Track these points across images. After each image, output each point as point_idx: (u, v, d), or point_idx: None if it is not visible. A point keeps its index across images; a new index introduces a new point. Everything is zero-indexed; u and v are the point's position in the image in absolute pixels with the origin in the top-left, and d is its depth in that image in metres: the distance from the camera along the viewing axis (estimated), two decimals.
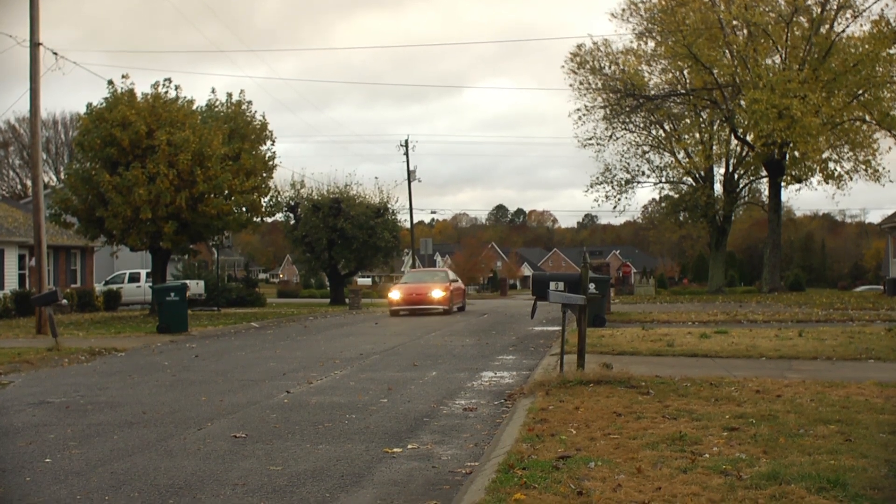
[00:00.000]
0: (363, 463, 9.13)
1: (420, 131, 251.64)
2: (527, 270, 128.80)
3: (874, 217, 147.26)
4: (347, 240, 51.47)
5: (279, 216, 54.06)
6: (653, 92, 52.83)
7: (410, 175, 69.29)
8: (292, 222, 53.93)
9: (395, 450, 9.74)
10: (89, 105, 36.58)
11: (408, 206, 69.41)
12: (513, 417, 11.03)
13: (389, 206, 54.83)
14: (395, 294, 35.55)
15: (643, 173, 57.31)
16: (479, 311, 42.34)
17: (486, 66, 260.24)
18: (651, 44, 52.01)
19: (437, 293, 35.36)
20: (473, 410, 12.42)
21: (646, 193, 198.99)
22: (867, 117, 47.40)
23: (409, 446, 9.93)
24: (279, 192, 51.00)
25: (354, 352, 21.01)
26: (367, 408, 12.64)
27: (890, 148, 47.35)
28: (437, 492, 8.00)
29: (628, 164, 56.85)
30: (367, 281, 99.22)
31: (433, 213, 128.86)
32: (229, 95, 41.13)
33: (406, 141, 69.36)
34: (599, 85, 53.26)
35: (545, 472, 7.73)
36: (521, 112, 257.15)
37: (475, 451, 9.62)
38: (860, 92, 45.81)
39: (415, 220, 78.53)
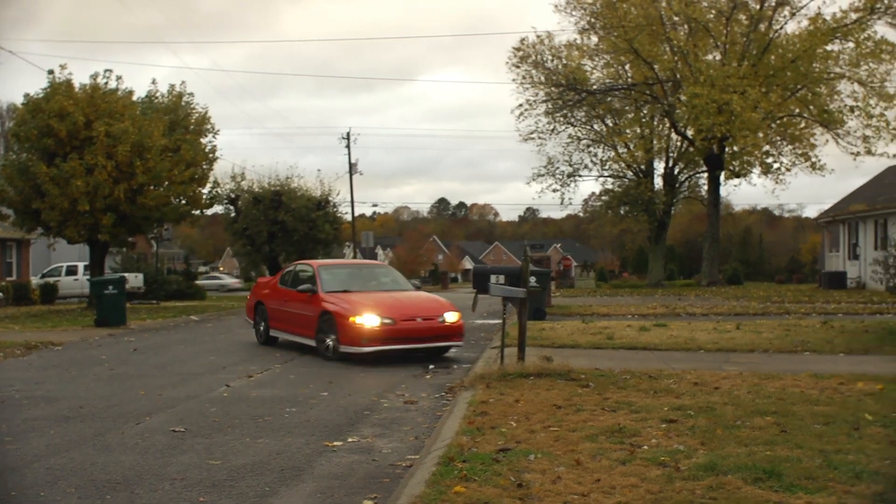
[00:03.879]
0: (303, 456, 9.09)
1: (369, 122, 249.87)
2: (468, 264, 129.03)
3: (811, 212, 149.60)
4: (288, 233, 51.17)
5: (219, 208, 53.68)
6: (595, 86, 53.08)
7: (352, 168, 69.14)
8: (233, 215, 53.50)
9: (335, 443, 9.71)
10: (26, 95, 35.99)
11: (350, 198, 69.24)
12: (453, 410, 11.05)
13: (331, 198, 54.65)
14: (370, 319, 16.90)
15: (585, 167, 57.61)
16: None
17: (442, 55, 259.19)
18: (594, 38, 52.24)
19: (451, 316, 17.82)
20: (414, 403, 12.42)
21: (588, 187, 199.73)
22: (805, 113, 48.00)
23: (350, 439, 9.91)
24: (219, 185, 50.62)
25: (295, 345, 20.90)
26: (308, 401, 12.60)
27: (827, 141, 47.97)
28: (377, 485, 7.98)
29: (570, 157, 57.12)
30: None
31: (374, 205, 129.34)
32: (171, 86, 40.74)
33: (348, 134, 69.27)
34: (542, 79, 53.39)
35: (485, 465, 7.74)
36: (473, 103, 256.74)
37: (416, 444, 9.62)
38: (798, 88, 46.37)
39: (357, 213, 78.60)
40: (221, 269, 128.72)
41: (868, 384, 12.39)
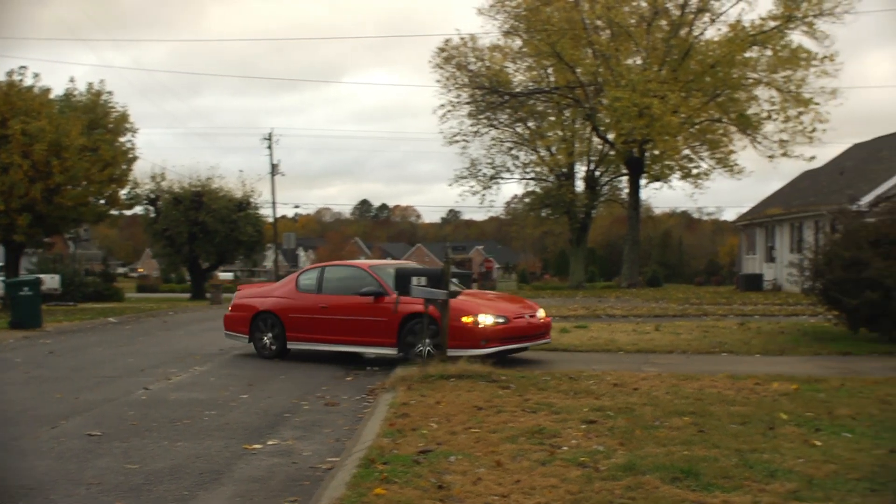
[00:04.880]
0: (222, 460, 9.01)
1: (293, 122, 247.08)
2: None
3: (729, 215, 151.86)
4: (209, 234, 50.74)
5: (139, 209, 53.10)
6: (518, 89, 53.31)
7: (274, 169, 68.66)
8: (152, 215, 52.89)
9: (255, 446, 9.64)
10: None
11: (272, 199, 68.79)
12: (374, 412, 11.02)
13: (252, 200, 54.32)
14: (486, 318, 15.93)
15: (507, 169, 57.83)
16: None
17: (369, 54, 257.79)
18: (517, 41, 52.45)
19: (541, 312, 17.77)
20: (335, 405, 12.37)
21: (511, 189, 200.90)
22: (724, 117, 48.69)
23: (270, 442, 9.85)
24: (139, 185, 50.05)
25: (215, 347, 20.69)
26: (228, 404, 12.49)
27: (745, 147, 48.71)
28: (297, 487, 7.94)
29: (493, 159, 57.30)
30: (229, 276, 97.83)
31: (297, 207, 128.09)
32: (90, 85, 40.17)
33: (270, 135, 68.77)
34: (466, 81, 53.48)
35: (406, 467, 7.74)
36: (398, 104, 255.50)
37: (336, 447, 9.58)
38: (717, 93, 47.01)
39: (278, 215, 78.02)
40: (140, 269, 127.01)
41: (783, 384, 12.61)
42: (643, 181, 52.09)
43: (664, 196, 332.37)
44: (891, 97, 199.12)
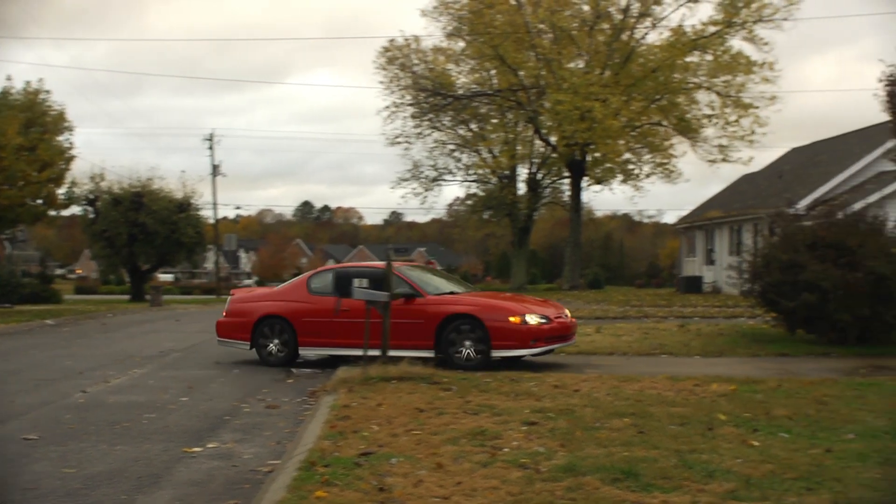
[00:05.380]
0: (162, 463, 8.92)
1: (236, 123, 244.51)
2: None
3: (670, 218, 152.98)
4: (149, 235, 50.21)
5: (77, 209, 52.40)
6: (461, 91, 53.37)
7: (215, 169, 68.15)
8: (91, 216, 52.23)
9: (194, 449, 9.55)
10: None
11: (213, 201, 68.29)
12: (316, 415, 10.97)
13: (193, 201, 53.87)
14: (533, 318, 16.00)
15: (450, 171, 57.91)
16: None
17: (313, 55, 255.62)
18: (461, 43, 52.51)
19: (567, 311, 18.01)
20: (276, 408, 12.30)
21: (453, 191, 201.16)
22: (664, 121, 49.11)
23: (210, 445, 9.77)
24: (77, 185, 49.39)
25: (155, 349, 20.50)
26: (167, 406, 12.37)
27: (685, 152, 49.22)
28: (237, 491, 7.88)
29: (436, 161, 57.34)
30: (169, 277, 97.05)
31: (238, 208, 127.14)
32: (27, 83, 39.62)
33: (211, 135, 68.25)
34: (409, 82, 53.45)
35: (347, 469, 7.72)
36: (342, 105, 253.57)
37: (277, 449, 9.53)
38: (658, 97, 47.39)
39: (220, 216, 77.42)
40: (79, 271, 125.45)
41: (722, 385, 12.74)
42: (585, 184, 52.40)
43: (606, 199, 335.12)
44: (828, 102, 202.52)
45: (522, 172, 58.40)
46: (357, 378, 13.13)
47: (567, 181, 55.69)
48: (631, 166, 50.88)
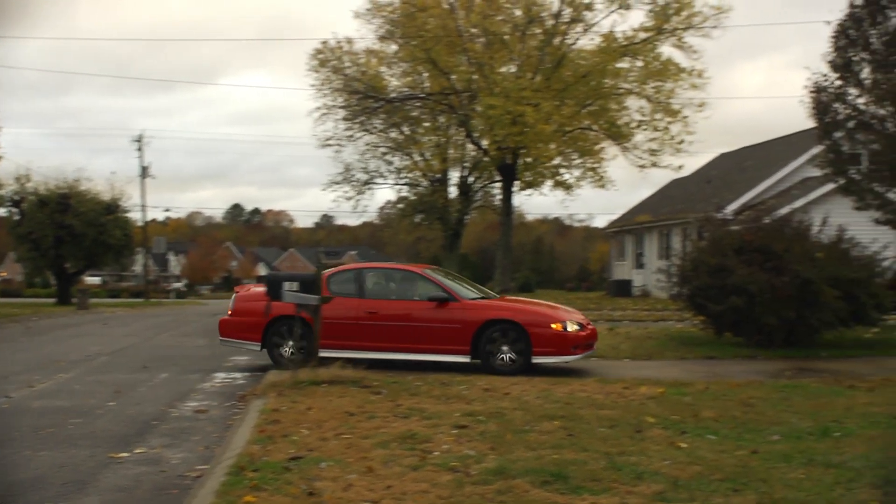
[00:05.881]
0: (87, 469, 8.78)
1: (167, 124, 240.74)
2: (263, 270, 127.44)
3: (600, 222, 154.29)
4: (76, 237, 49.50)
5: (2, 211, 51.53)
6: (393, 94, 53.26)
7: (145, 171, 67.39)
8: (16, 218, 51.37)
9: (121, 454, 9.41)
10: None
11: (142, 203, 67.53)
12: (245, 419, 10.88)
13: (121, 203, 53.22)
14: (572, 325, 16.07)
15: (382, 175, 57.78)
16: (213, 311, 41.71)
17: (246, 56, 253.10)
18: (393, 46, 52.40)
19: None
20: (205, 413, 12.18)
21: (384, 194, 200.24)
22: (595, 126, 49.44)
23: (137, 451, 9.63)
24: (2, 186, 48.58)
25: (81, 353, 20.19)
26: (94, 411, 12.18)
27: (616, 156, 49.54)
28: (165, 496, 7.80)
29: (367, 164, 57.18)
30: (97, 280, 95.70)
31: (167, 210, 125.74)
32: None
33: (140, 136, 67.47)
34: (340, 85, 53.23)
35: (276, 474, 7.67)
36: (275, 107, 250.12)
37: (206, 454, 9.43)
38: (589, 102, 47.69)
39: (149, 218, 76.59)
40: (3, 273, 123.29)
41: (651, 388, 12.87)
42: (516, 188, 52.58)
43: (537, 202, 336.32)
44: (756, 109, 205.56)
45: (454, 176, 58.48)
46: (287, 382, 13.05)
47: (498, 185, 55.85)
48: (562, 170, 51.17)
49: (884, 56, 23.56)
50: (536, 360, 15.51)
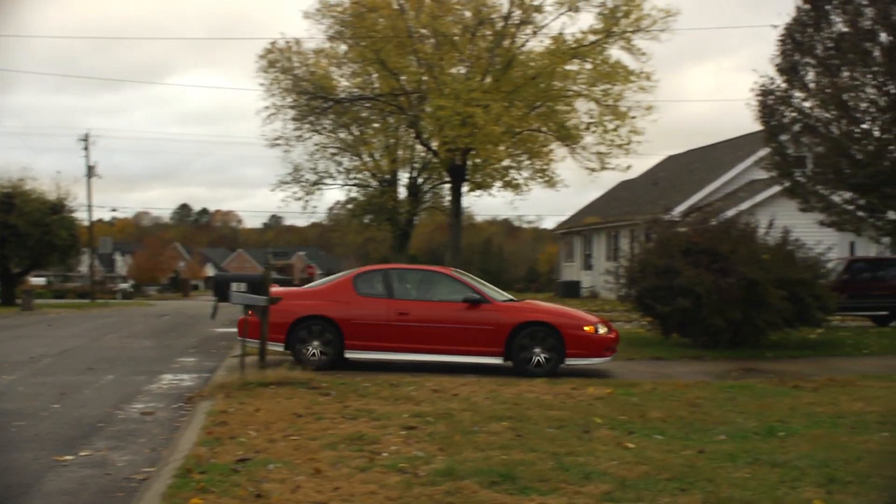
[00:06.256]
0: (31, 473, 8.66)
1: (114, 123, 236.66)
2: (211, 271, 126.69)
3: (549, 223, 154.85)
4: (21, 237, 48.90)
5: None
6: (342, 95, 53.09)
7: (91, 171, 66.68)
8: None
9: (66, 457, 9.30)
10: None
11: (88, 203, 66.81)
12: (192, 421, 10.80)
13: (67, 202, 52.66)
14: (602, 328, 16.37)
15: (331, 175, 57.56)
16: (160, 312, 41.39)
17: (195, 55, 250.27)
18: (343, 47, 52.23)
19: None
20: (152, 414, 12.07)
21: (333, 195, 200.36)
22: (544, 128, 49.62)
23: (82, 453, 9.52)
24: None
25: (25, 355, 19.91)
26: (38, 414, 12.02)
27: (564, 158, 49.71)
28: (110, 499, 7.74)
29: (316, 165, 56.94)
30: (42, 281, 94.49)
31: (114, 210, 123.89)
32: None
33: (87, 136, 66.76)
34: (290, 85, 52.98)
35: (224, 476, 7.62)
36: (224, 106, 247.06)
37: (152, 457, 9.34)
38: (538, 104, 47.84)
39: (95, 218, 75.80)
40: None
41: (598, 389, 12.96)
42: (465, 189, 52.65)
43: (486, 204, 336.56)
44: (705, 111, 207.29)
45: (403, 177, 58.38)
46: (235, 383, 12.96)
47: (448, 186, 55.89)
48: (511, 172, 51.28)
49: (828, 60, 23.88)
50: (570, 361, 15.76)
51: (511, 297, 17.92)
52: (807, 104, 24.85)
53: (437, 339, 16.14)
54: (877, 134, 23.98)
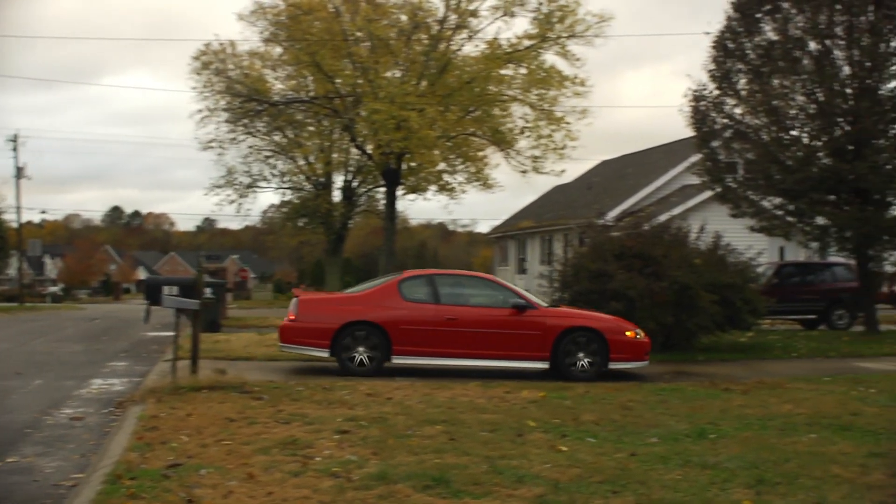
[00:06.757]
0: None
1: (45, 123, 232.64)
2: (143, 274, 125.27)
3: (484, 227, 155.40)
4: None
5: None
6: (276, 97, 52.80)
7: (20, 172, 65.65)
8: None
9: None
10: None
11: (16, 204, 65.78)
12: (122, 426, 10.67)
13: None
14: (640, 332, 16.89)
15: (265, 178, 57.21)
16: (90, 315, 40.87)
17: (128, 55, 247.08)
18: (278, 49, 51.96)
19: None
20: (81, 420, 11.89)
21: (268, 198, 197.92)
22: (479, 132, 49.75)
23: (9, 460, 9.35)
24: None
25: None
26: None
27: (499, 163, 49.91)
28: None
29: (250, 168, 56.56)
30: None
31: (43, 212, 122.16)
32: None
33: (15, 136, 65.74)
34: (223, 87, 52.58)
35: (154, 482, 7.54)
36: (157, 108, 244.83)
37: (81, 463, 9.21)
38: (473, 108, 47.96)
39: (24, 220, 74.68)
40: None
41: (532, 392, 13.01)
42: (400, 192, 52.64)
43: (420, 207, 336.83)
44: (639, 117, 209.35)
45: (338, 180, 58.24)
46: (166, 388, 12.82)
47: (382, 190, 55.83)
48: (445, 176, 51.35)
49: (759, 67, 24.22)
50: (613, 365, 16.08)
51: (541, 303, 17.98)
52: (738, 111, 25.17)
53: (486, 345, 16.16)
54: (806, 141, 24.37)
